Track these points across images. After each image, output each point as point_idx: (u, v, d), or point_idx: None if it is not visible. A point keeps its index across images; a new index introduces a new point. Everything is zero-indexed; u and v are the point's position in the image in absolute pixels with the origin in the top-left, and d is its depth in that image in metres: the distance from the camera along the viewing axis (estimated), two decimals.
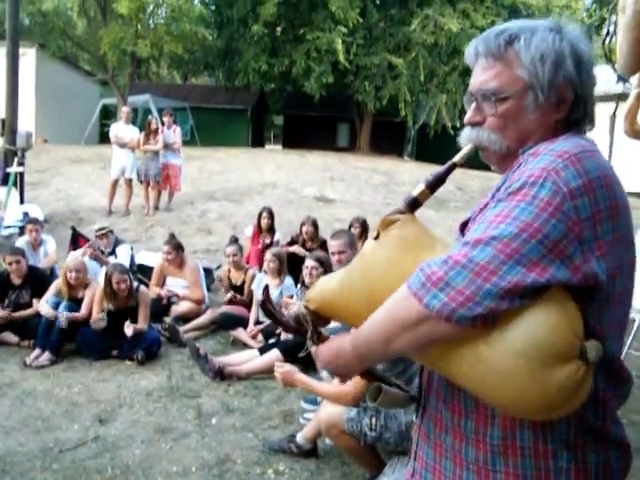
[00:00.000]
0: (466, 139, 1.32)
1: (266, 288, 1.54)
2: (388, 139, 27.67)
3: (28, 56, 19.28)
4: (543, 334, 1.03)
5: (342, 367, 1.30)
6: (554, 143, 1.18)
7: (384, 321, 1.14)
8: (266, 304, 1.49)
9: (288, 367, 3.31)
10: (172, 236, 6.77)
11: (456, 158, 1.32)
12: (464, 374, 1.09)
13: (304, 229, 7.28)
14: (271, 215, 7.77)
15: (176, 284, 6.48)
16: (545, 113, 1.24)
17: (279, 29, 24.22)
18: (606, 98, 7.45)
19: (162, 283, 6.58)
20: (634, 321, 4.62)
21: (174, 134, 10.83)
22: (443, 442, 1.27)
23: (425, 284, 1.07)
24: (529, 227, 1.05)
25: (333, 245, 4.62)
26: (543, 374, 1.02)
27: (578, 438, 1.16)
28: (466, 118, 1.32)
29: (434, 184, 1.30)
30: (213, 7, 25.23)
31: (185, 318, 6.16)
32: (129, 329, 5.20)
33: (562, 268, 1.05)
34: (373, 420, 2.89)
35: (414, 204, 1.29)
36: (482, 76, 1.28)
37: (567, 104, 1.24)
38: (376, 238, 1.27)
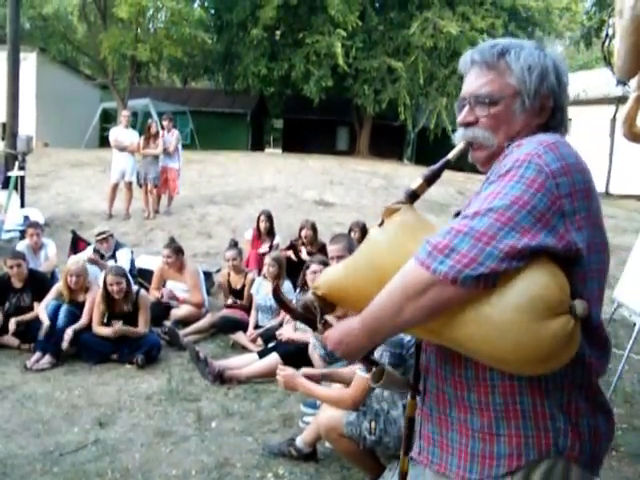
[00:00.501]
0: (461, 137, 1.49)
1: (277, 284, 1.60)
2: (388, 143, 27.71)
3: (29, 60, 19.30)
4: (537, 290, 1.17)
5: (352, 346, 1.38)
6: (534, 136, 1.36)
7: (393, 293, 1.25)
8: (277, 292, 1.58)
9: (290, 370, 3.33)
10: (172, 240, 6.79)
11: (450, 155, 1.47)
12: (469, 336, 1.21)
13: (303, 233, 7.30)
14: (269, 218, 7.78)
15: (176, 288, 6.50)
16: (529, 117, 1.43)
17: (278, 33, 24.27)
18: (606, 101, 7.46)
19: (162, 287, 6.60)
20: (634, 325, 4.64)
21: (173, 138, 10.86)
22: (448, 416, 1.40)
23: (432, 252, 1.20)
24: (519, 200, 1.20)
25: (332, 249, 4.63)
26: (538, 325, 1.15)
27: (572, 402, 1.31)
28: (460, 119, 1.49)
29: (431, 178, 1.44)
30: (213, 11, 25.30)
31: (185, 322, 6.17)
32: (116, 325, 5.22)
33: (549, 235, 1.20)
34: (372, 424, 2.90)
35: (413, 196, 1.42)
36: (477, 82, 1.45)
37: (547, 111, 1.44)
38: (380, 225, 1.39)
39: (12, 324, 5.49)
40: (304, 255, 7.12)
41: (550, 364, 1.21)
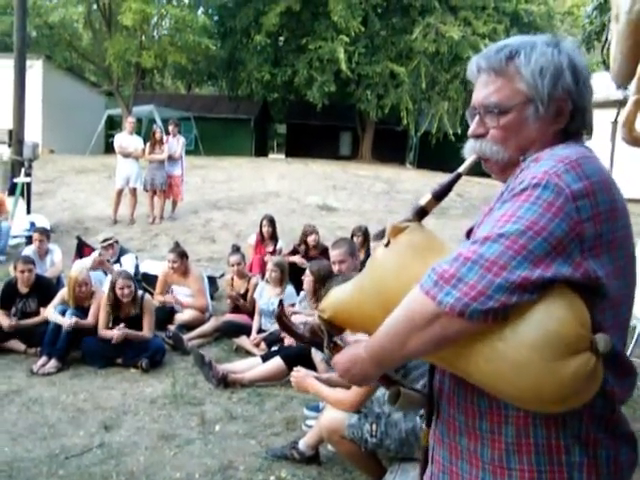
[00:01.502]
0: (470, 150, 1.38)
1: (281, 303, 1.60)
2: (390, 147, 27.76)
3: (35, 68, 19.40)
4: (553, 327, 1.07)
5: (359, 374, 1.32)
6: (554, 149, 1.24)
7: (398, 323, 1.18)
8: (282, 318, 1.53)
9: (304, 372, 3.36)
10: (177, 244, 6.84)
11: (461, 169, 1.38)
12: (480, 370, 1.13)
13: (311, 238, 7.34)
14: (272, 223, 7.84)
15: (180, 292, 6.55)
16: (545, 124, 1.30)
17: (282, 39, 24.41)
18: (607, 104, 7.48)
19: (166, 291, 6.65)
20: (634, 328, 4.66)
21: (178, 144, 10.95)
22: (458, 444, 1.30)
23: (438, 282, 1.11)
24: (534, 225, 1.10)
25: (334, 254, 4.68)
26: (556, 365, 1.06)
27: (590, 434, 1.20)
28: (470, 131, 1.38)
29: (440, 194, 1.36)
30: (216, 18, 25.46)
31: (189, 326, 6.22)
32: (118, 332, 5.27)
33: (565, 264, 1.10)
34: (374, 426, 2.94)
35: (421, 213, 1.35)
36: (484, 90, 1.34)
37: (565, 115, 1.30)
38: (386, 245, 1.32)
39: (7, 320, 5.55)
40: (297, 259, 7.17)
41: (570, 403, 1.12)
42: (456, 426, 1.31)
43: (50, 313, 5.54)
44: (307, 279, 5.17)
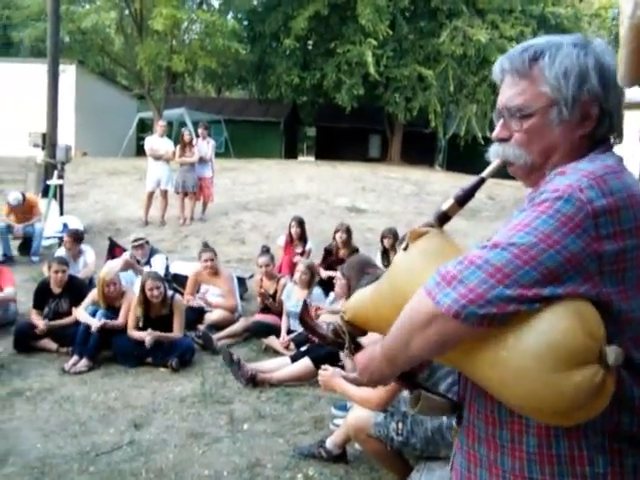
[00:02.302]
0: (494, 154, 1.35)
1: (305, 304, 1.61)
2: (419, 149, 27.63)
3: (68, 72, 19.74)
4: (557, 337, 1.03)
5: (376, 373, 1.33)
6: (580, 163, 1.20)
7: (404, 323, 1.18)
8: (305, 318, 1.55)
9: (331, 370, 3.36)
10: (206, 244, 6.91)
11: (484, 173, 1.35)
12: (486, 375, 1.12)
13: (337, 235, 7.37)
14: (301, 224, 7.85)
15: (210, 292, 6.59)
16: (570, 128, 1.25)
17: (310, 43, 24.47)
18: (635, 106, 7.32)
19: (196, 291, 6.69)
20: None
21: (208, 146, 11.05)
22: (477, 452, 1.28)
23: (440, 283, 1.10)
24: (548, 238, 1.07)
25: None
26: (557, 377, 1.03)
27: (614, 444, 1.16)
28: (494, 134, 1.35)
29: (463, 198, 1.34)
30: (246, 22, 25.62)
31: (218, 326, 6.25)
32: (149, 337, 5.32)
33: (578, 280, 1.07)
34: (400, 425, 2.92)
35: (444, 218, 1.34)
36: (508, 93, 1.31)
37: (592, 119, 1.25)
38: (405, 249, 1.32)
39: (43, 324, 5.63)
40: (323, 273, 7.17)
41: (575, 417, 1.08)
42: (475, 434, 1.28)
43: (80, 313, 5.62)
44: (339, 282, 5.14)
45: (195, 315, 6.33)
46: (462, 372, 1.26)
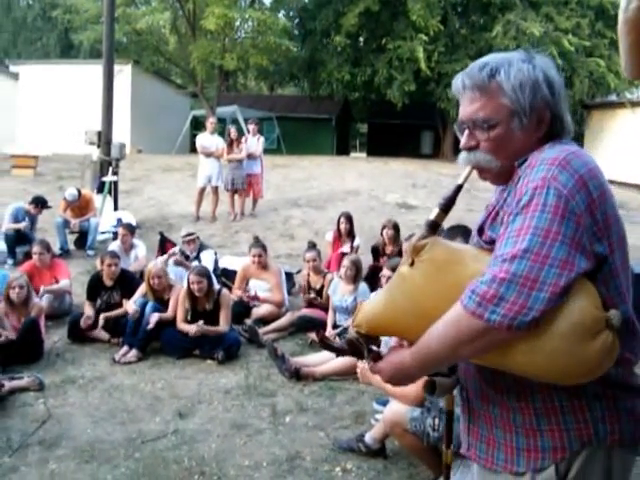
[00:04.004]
0: (464, 161, 1.52)
1: (319, 330, 1.66)
2: None
3: (124, 72, 20.31)
4: (576, 317, 1.23)
5: (405, 378, 1.46)
6: (542, 152, 1.38)
7: (449, 338, 1.30)
8: (323, 340, 1.66)
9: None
10: (257, 239, 6.99)
11: (460, 180, 1.50)
12: (517, 362, 1.28)
13: (385, 232, 7.34)
14: (349, 220, 7.85)
15: (258, 286, 6.67)
16: (529, 133, 1.44)
17: (361, 39, 24.36)
18: None
19: (245, 285, 6.78)
20: None
21: (258, 142, 11.15)
22: (491, 414, 1.45)
23: (481, 303, 1.24)
24: (549, 232, 1.25)
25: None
26: (583, 347, 1.23)
27: (607, 390, 1.36)
28: (462, 144, 1.51)
29: (447, 206, 1.49)
30: (297, 20, 25.75)
31: (265, 320, 6.32)
32: (195, 328, 5.42)
33: (583, 258, 1.26)
34: (436, 421, 2.90)
35: (434, 226, 1.46)
36: (471, 107, 1.47)
37: (546, 123, 1.44)
38: (411, 265, 1.41)
39: (101, 319, 5.82)
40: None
41: (596, 374, 1.28)
42: (488, 399, 1.45)
43: (129, 306, 5.77)
44: (385, 278, 5.13)
45: (243, 309, 6.41)
46: (486, 363, 1.37)
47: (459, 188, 1.50)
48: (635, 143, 18.56)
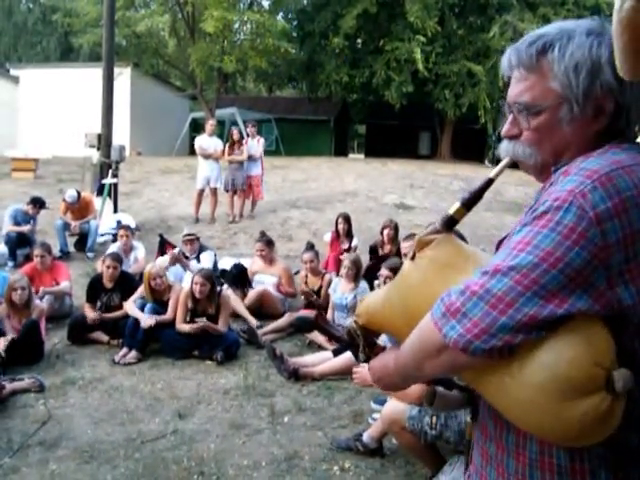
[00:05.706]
0: (504, 151, 1.27)
1: (318, 311, 1.66)
2: (469, 146, 27.33)
3: (124, 75, 20.33)
4: (561, 368, 0.99)
5: (388, 383, 1.35)
6: (587, 160, 1.11)
7: (414, 347, 1.18)
8: (319, 322, 1.61)
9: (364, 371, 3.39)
10: (263, 233, 7.14)
11: (492, 174, 1.27)
12: (493, 398, 1.10)
13: (385, 232, 7.38)
14: (347, 221, 7.90)
15: (266, 280, 6.74)
16: (582, 125, 1.16)
17: (359, 41, 24.51)
18: None
19: (249, 283, 6.95)
20: None
21: (258, 144, 11.19)
22: (488, 450, 1.26)
23: (445, 314, 1.07)
24: (549, 256, 1.01)
25: (405, 247, 4.69)
26: (562, 408, 0.99)
27: (618, 457, 1.11)
28: (503, 131, 1.27)
29: (471, 202, 1.27)
30: (295, 22, 25.86)
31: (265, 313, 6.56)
32: (195, 325, 5.52)
33: (583, 297, 1.01)
34: (434, 419, 2.93)
35: (450, 223, 1.28)
36: (516, 88, 1.22)
37: (606, 115, 1.15)
38: (412, 258, 1.28)
39: (93, 313, 5.88)
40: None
41: (583, 441, 1.04)
42: (487, 432, 1.26)
43: (130, 307, 5.81)
44: (382, 277, 5.16)
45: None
46: (474, 389, 1.22)
47: (489, 182, 1.27)
48: None
